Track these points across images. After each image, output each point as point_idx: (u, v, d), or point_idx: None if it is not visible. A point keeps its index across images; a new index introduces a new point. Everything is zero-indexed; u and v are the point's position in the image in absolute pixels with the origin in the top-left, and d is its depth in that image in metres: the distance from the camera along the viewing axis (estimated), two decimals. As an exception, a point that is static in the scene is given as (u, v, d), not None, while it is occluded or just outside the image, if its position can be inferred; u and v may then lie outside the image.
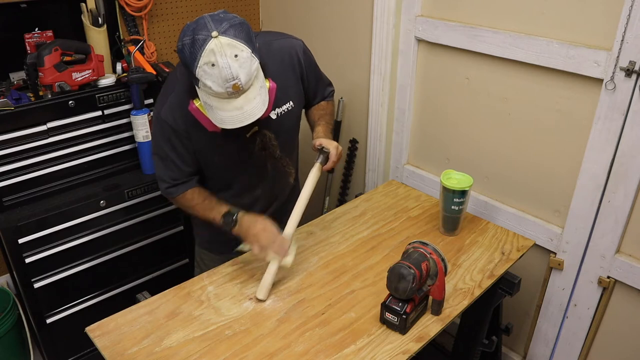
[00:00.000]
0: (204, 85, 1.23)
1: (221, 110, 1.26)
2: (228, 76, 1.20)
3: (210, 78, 1.21)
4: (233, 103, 1.25)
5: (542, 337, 2.01)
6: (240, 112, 1.26)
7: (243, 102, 1.25)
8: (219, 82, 1.21)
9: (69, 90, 1.94)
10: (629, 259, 1.68)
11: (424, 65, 2.08)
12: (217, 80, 1.20)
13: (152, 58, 2.34)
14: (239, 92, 1.23)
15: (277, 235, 1.42)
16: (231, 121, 1.27)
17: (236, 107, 1.25)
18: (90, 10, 2.09)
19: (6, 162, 1.87)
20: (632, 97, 1.52)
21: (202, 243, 1.80)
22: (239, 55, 1.20)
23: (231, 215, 1.46)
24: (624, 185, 1.61)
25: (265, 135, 1.48)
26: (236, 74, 1.20)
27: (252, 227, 1.43)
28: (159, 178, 1.53)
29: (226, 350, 1.25)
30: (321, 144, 1.49)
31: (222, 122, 1.27)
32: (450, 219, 1.67)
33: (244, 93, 1.25)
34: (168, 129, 1.43)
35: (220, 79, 1.20)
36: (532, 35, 1.69)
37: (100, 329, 1.31)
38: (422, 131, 2.20)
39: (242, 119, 1.26)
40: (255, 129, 1.46)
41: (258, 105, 1.27)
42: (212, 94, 1.24)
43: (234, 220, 1.45)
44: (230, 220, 1.45)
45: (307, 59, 1.57)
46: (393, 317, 1.29)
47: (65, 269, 2.02)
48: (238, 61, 1.20)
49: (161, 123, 1.44)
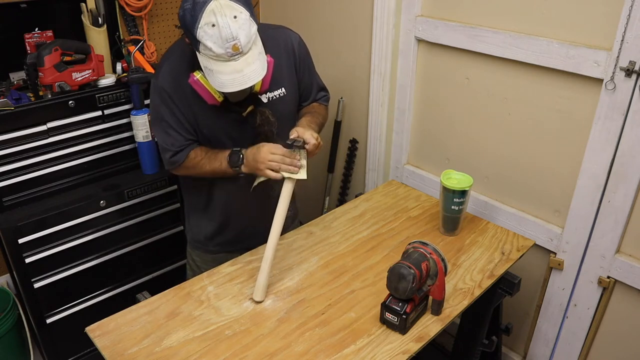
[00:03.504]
0: (205, 47, 1.26)
1: (221, 74, 1.28)
2: (228, 36, 1.23)
3: (210, 39, 1.24)
4: (233, 65, 1.27)
5: (542, 337, 2.01)
6: (240, 74, 1.28)
7: (243, 65, 1.28)
8: (219, 43, 1.24)
9: (69, 90, 1.94)
10: (629, 259, 1.68)
11: (424, 65, 2.09)
12: (217, 40, 1.24)
13: (152, 58, 2.34)
14: (238, 54, 1.26)
15: (284, 152, 1.42)
16: (231, 84, 1.29)
17: (236, 69, 1.28)
18: (90, 10, 2.09)
19: (6, 162, 1.87)
20: (632, 97, 1.52)
21: (194, 243, 1.79)
22: (238, 16, 1.24)
23: (237, 154, 1.47)
24: (624, 185, 1.61)
25: (265, 112, 1.50)
26: (236, 34, 1.24)
27: (257, 154, 1.43)
28: (162, 148, 1.54)
29: (226, 350, 1.25)
30: (296, 132, 1.46)
31: (223, 85, 1.30)
32: (450, 219, 1.67)
33: (243, 56, 1.28)
34: (165, 95, 1.45)
35: (220, 39, 1.23)
36: (532, 35, 1.69)
37: (100, 329, 1.31)
38: (422, 131, 2.20)
39: (242, 82, 1.29)
40: (252, 108, 1.48)
41: (257, 69, 1.30)
42: (212, 57, 1.27)
43: (240, 158, 1.46)
44: (237, 158, 1.46)
45: (301, 51, 1.58)
46: (393, 317, 1.29)
47: (65, 269, 2.02)
48: (237, 22, 1.24)
49: (158, 90, 1.46)
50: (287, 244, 1.63)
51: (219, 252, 1.74)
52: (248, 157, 1.46)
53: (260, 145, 1.45)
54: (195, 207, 1.74)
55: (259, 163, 1.43)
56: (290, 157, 1.42)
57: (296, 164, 1.43)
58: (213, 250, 1.75)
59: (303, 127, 1.48)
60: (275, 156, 1.41)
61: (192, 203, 1.75)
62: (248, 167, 1.47)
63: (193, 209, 1.75)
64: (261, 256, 1.46)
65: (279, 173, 1.42)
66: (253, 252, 1.60)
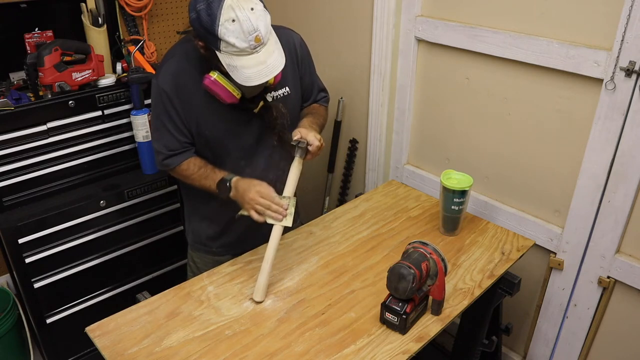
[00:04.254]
0: (227, 44, 1.26)
1: (246, 68, 1.29)
2: (249, 28, 1.24)
3: (232, 34, 1.24)
4: (256, 57, 1.29)
5: (542, 337, 2.01)
6: (264, 66, 1.29)
7: (265, 56, 1.29)
8: (242, 37, 1.25)
9: (69, 90, 1.94)
10: (629, 259, 1.68)
11: (424, 65, 2.08)
12: (240, 35, 1.24)
13: (152, 58, 2.34)
14: (260, 45, 1.28)
15: (273, 198, 1.41)
16: (257, 76, 1.30)
17: (259, 61, 1.29)
18: (90, 10, 2.09)
19: (6, 162, 1.88)
20: (632, 97, 1.52)
21: (194, 244, 1.79)
22: (255, 7, 1.26)
23: (225, 182, 1.46)
24: (624, 185, 1.61)
25: (278, 105, 1.51)
26: (256, 25, 1.25)
27: (247, 192, 1.43)
28: (156, 150, 1.55)
29: (226, 350, 1.25)
30: (300, 132, 1.46)
31: (249, 79, 1.30)
32: (450, 219, 1.67)
33: (264, 47, 1.29)
34: (165, 97, 1.45)
35: (242, 33, 1.24)
36: (532, 35, 1.69)
37: (100, 329, 1.31)
38: (422, 131, 2.20)
39: (267, 72, 1.30)
40: (262, 104, 1.48)
41: (278, 58, 1.32)
42: (235, 53, 1.28)
43: (228, 187, 1.45)
44: (225, 187, 1.46)
45: (303, 52, 1.59)
46: (393, 317, 1.29)
47: (65, 269, 2.02)
48: (255, 13, 1.25)
49: (158, 91, 1.46)
50: (287, 244, 1.63)
51: (221, 254, 1.73)
52: (238, 189, 1.45)
53: (252, 184, 1.44)
54: (196, 209, 1.74)
55: (245, 202, 1.43)
56: (277, 205, 1.41)
57: (282, 212, 1.41)
58: (215, 251, 1.75)
59: (306, 128, 1.48)
60: (263, 201, 1.41)
61: (193, 205, 1.74)
62: (235, 197, 1.46)
63: (194, 211, 1.75)
64: (261, 256, 1.46)
65: (263, 217, 1.42)
66: (253, 252, 1.60)
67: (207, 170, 1.51)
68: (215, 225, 1.70)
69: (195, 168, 1.52)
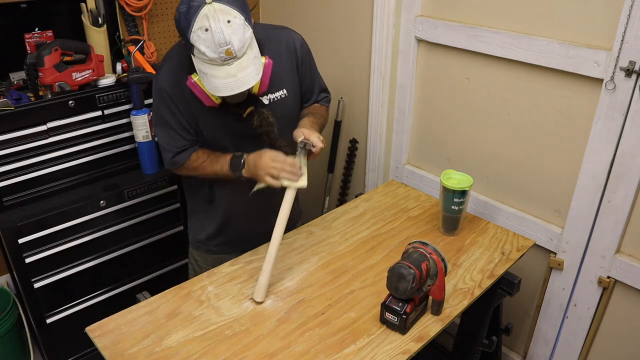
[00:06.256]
0: (199, 51, 1.25)
1: (215, 78, 1.28)
2: (221, 40, 1.22)
3: (204, 43, 1.24)
4: (227, 70, 1.27)
5: (542, 337, 2.01)
6: (233, 79, 1.27)
7: (237, 70, 1.27)
8: (212, 47, 1.23)
9: (69, 90, 1.94)
10: (629, 259, 1.68)
11: (424, 66, 2.09)
12: (210, 45, 1.23)
13: (152, 58, 2.34)
14: (232, 59, 1.26)
15: (285, 160, 1.42)
16: (225, 88, 1.28)
17: (230, 74, 1.27)
18: (90, 10, 2.09)
19: (6, 162, 1.87)
20: (632, 97, 1.52)
21: (195, 243, 1.79)
22: (232, 21, 1.24)
23: (238, 159, 1.47)
24: (624, 185, 1.61)
25: (263, 113, 1.49)
26: (229, 39, 1.23)
27: (259, 161, 1.43)
28: (163, 149, 1.55)
29: (226, 350, 1.25)
30: (303, 133, 1.46)
31: (216, 89, 1.29)
32: (450, 219, 1.67)
33: (237, 60, 1.27)
34: (166, 96, 1.45)
35: (213, 43, 1.23)
36: (532, 35, 1.69)
37: (100, 329, 1.31)
38: (422, 131, 2.20)
39: (235, 86, 1.28)
40: (252, 109, 1.47)
41: (251, 73, 1.29)
42: (206, 61, 1.27)
43: (242, 163, 1.46)
44: (239, 163, 1.46)
45: (303, 52, 1.58)
46: (393, 317, 1.29)
47: (65, 269, 2.02)
48: (231, 27, 1.23)
49: (159, 91, 1.46)
50: (287, 244, 1.63)
51: (220, 252, 1.74)
52: (249, 162, 1.46)
53: (263, 152, 1.44)
54: (196, 207, 1.74)
55: (259, 169, 1.43)
56: (291, 165, 1.41)
57: (297, 172, 1.42)
58: (214, 250, 1.75)
59: (308, 129, 1.48)
60: (277, 163, 1.41)
61: (194, 203, 1.75)
62: (248, 173, 1.47)
63: (195, 208, 1.76)
64: (262, 256, 1.46)
65: (279, 180, 1.42)
66: (254, 252, 1.60)
67: (216, 155, 1.52)
68: (213, 225, 1.70)
69: (204, 156, 1.53)
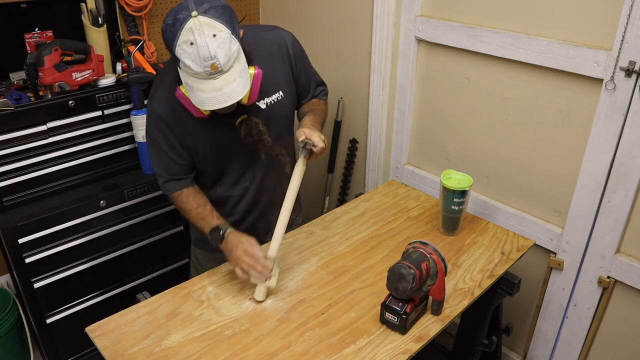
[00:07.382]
0: (184, 64, 1.24)
1: (201, 92, 1.27)
2: (206, 55, 1.21)
3: (189, 57, 1.22)
4: (212, 84, 1.25)
5: (542, 337, 2.01)
6: (219, 93, 1.26)
7: (222, 84, 1.26)
8: (197, 61, 1.22)
9: (69, 90, 1.94)
10: (629, 259, 1.68)
11: (424, 65, 2.09)
12: (195, 59, 1.22)
13: (152, 58, 2.34)
14: (218, 73, 1.24)
15: (258, 260, 1.39)
16: (210, 102, 1.27)
17: (215, 88, 1.26)
18: (90, 10, 2.09)
19: (6, 162, 1.87)
20: (632, 97, 1.52)
21: (197, 241, 1.79)
22: (218, 35, 1.22)
23: (219, 231, 1.46)
24: (624, 185, 1.61)
25: (251, 121, 1.48)
26: (214, 53, 1.21)
27: (234, 249, 1.42)
28: (156, 172, 1.55)
29: (226, 350, 1.25)
30: (304, 133, 1.44)
31: (202, 103, 1.28)
32: (450, 219, 1.67)
33: (223, 74, 1.25)
34: (160, 121, 1.45)
35: (198, 57, 1.21)
36: (532, 35, 1.69)
37: (100, 329, 1.31)
38: (422, 131, 2.20)
39: (221, 100, 1.27)
40: (244, 117, 1.47)
41: (238, 87, 1.28)
42: (191, 74, 1.25)
43: (221, 236, 1.45)
44: (218, 236, 1.46)
45: (296, 51, 1.56)
46: (393, 317, 1.29)
47: (65, 269, 2.02)
48: (216, 41, 1.21)
49: (153, 115, 1.46)
50: (287, 244, 1.63)
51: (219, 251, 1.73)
52: (227, 244, 1.44)
53: (241, 241, 1.42)
54: None
55: (231, 259, 1.44)
56: (262, 266, 1.38)
57: (265, 273, 1.39)
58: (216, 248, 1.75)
59: (309, 128, 1.46)
60: (249, 259, 1.39)
61: None
62: (224, 249, 1.46)
63: None
64: (261, 256, 1.46)
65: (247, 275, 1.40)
66: (253, 252, 1.60)
67: (205, 211, 1.51)
68: None
69: (194, 204, 1.52)
